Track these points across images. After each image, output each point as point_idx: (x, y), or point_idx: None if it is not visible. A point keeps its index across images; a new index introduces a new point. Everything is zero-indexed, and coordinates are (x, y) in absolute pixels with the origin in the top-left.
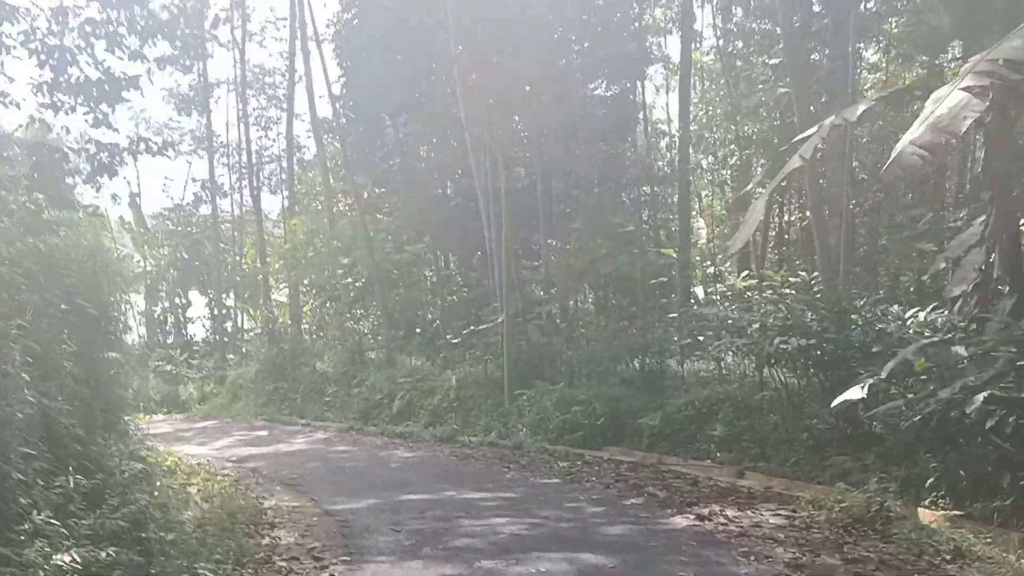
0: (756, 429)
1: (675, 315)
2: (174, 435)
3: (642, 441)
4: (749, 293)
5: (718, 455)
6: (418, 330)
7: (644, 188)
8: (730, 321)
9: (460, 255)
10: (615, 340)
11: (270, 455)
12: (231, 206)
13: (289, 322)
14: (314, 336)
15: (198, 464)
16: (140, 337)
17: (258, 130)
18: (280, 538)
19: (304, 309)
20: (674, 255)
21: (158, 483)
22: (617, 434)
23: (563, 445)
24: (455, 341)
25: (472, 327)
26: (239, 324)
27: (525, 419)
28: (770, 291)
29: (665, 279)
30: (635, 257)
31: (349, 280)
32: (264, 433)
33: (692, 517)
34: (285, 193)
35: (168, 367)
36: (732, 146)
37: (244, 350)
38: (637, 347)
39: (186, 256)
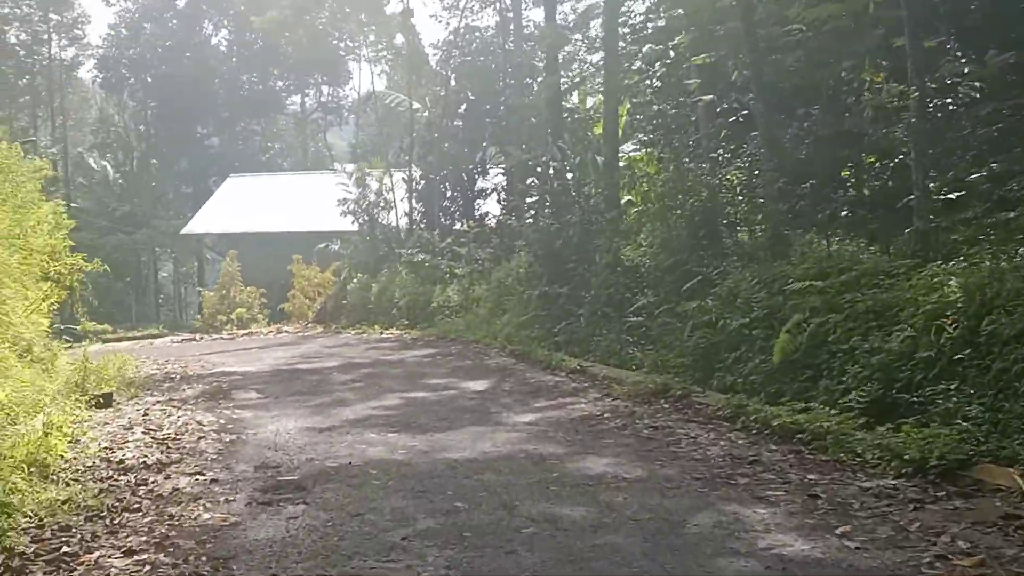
0: None
1: None
2: (321, 379)
3: None
4: None
5: None
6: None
7: None
8: None
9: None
10: None
11: (383, 486)
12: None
13: (602, 182)
14: (642, 202)
15: None
16: (404, 215)
17: None
18: None
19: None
20: None
21: None
22: None
23: None
24: (953, 196)
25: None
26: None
27: None
28: None
29: None
30: None
31: (709, 97)
32: (478, 387)
33: None
34: None
35: (421, 257)
36: None
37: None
38: None
39: (473, 97)
